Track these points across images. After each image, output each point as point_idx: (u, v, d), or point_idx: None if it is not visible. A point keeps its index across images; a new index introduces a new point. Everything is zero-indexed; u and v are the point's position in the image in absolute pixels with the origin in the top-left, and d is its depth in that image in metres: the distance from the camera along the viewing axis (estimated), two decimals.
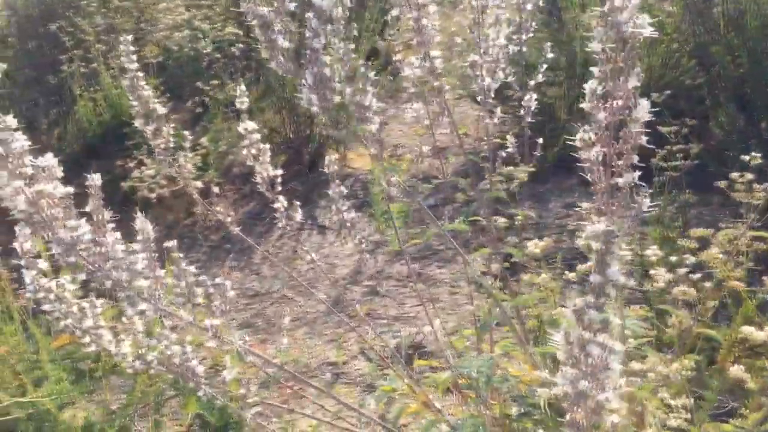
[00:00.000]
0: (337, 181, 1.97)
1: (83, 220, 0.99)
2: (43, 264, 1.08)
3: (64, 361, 2.02)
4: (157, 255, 2.41)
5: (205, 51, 3.79)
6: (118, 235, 1.05)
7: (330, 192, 1.92)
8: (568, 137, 1.08)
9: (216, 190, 1.98)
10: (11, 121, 0.91)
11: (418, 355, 2.62)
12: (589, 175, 0.96)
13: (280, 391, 2.44)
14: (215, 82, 3.71)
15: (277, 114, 4.27)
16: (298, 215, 1.90)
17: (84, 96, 3.44)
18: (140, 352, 1.24)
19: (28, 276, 1.09)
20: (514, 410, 1.54)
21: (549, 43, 1.88)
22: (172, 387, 2.01)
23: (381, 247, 3.45)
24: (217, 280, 1.19)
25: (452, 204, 3.78)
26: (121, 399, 2.41)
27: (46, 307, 1.13)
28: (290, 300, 3.13)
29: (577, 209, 1.10)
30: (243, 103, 1.84)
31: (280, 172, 1.85)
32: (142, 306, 1.11)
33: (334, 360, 2.72)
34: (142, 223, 1.13)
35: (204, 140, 3.54)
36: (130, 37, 1.73)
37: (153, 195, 3.38)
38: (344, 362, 2.72)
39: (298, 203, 2.01)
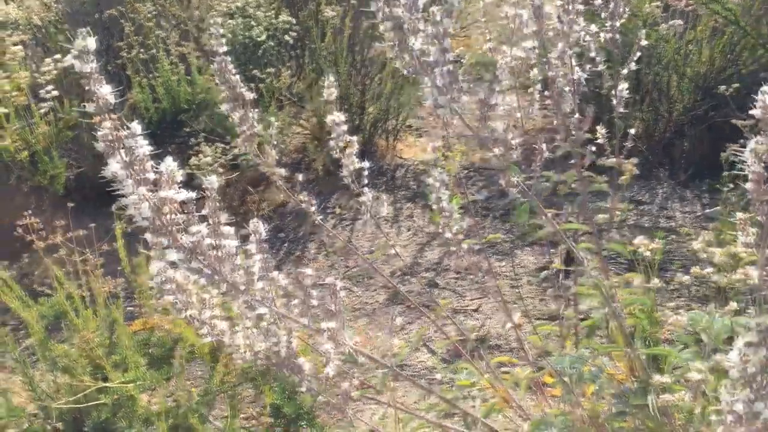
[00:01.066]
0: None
1: (203, 225, 0.98)
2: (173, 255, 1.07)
3: (140, 347, 2.02)
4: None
5: (258, 39, 3.77)
6: (235, 241, 1.03)
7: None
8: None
9: (300, 177, 1.95)
10: (136, 127, 0.90)
11: (485, 349, 2.59)
12: (749, 184, 0.91)
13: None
14: (270, 70, 3.69)
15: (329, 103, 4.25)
16: (384, 209, 1.87)
17: (142, 83, 3.44)
18: (249, 344, 1.22)
19: (155, 266, 1.08)
20: (614, 409, 1.50)
21: (644, 30, 1.82)
22: (244, 376, 2.00)
23: (436, 238, 3.43)
24: (328, 280, 1.17)
25: (505, 197, 3.75)
26: (197, 386, 2.41)
27: (168, 297, 1.12)
28: (348, 290, 3.11)
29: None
30: (331, 94, 1.81)
31: (366, 164, 1.83)
32: (261, 310, 1.09)
33: (397, 352, 2.70)
34: (255, 225, 1.12)
35: (258, 129, 3.52)
36: (219, 20, 1.72)
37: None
38: (407, 354, 2.70)
39: (371, 194, 1.98)
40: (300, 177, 2.09)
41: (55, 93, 3.19)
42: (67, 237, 2.08)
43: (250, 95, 1.79)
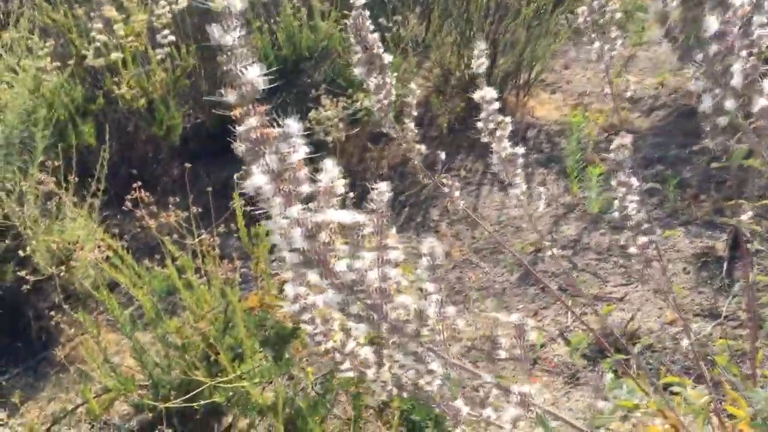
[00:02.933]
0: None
1: (368, 254, 0.72)
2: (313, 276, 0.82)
3: (256, 327, 1.83)
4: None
5: None
6: (398, 270, 0.77)
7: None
8: None
9: (442, 156, 1.69)
10: (294, 126, 0.64)
11: (635, 347, 2.27)
12: None
13: None
14: (396, 17, 3.39)
15: (455, 54, 3.92)
16: (541, 205, 1.58)
17: (262, 28, 3.22)
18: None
19: (291, 291, 0.84)
20: None
21: None
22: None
23: (573, 211, 3.09)
24: (513, 318, 0.90)
25: (651, 167, 3.34)
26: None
27: (307, 327, 0.88)
28: (474, 266, 2.84)
29: None
30: (481, 66, 1.51)
31: (521, 150, 1.53)
32: (433, 366, 0.84)
33: (530, 341, 2.42)
34: (430, 245, 0.85)
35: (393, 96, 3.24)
36: None
37: (330, 138, 3.15)
38: (542, 345, 2.42)
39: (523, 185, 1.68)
40: (442, 155, 1.82)
41: (172, 38, 3.02)
42: (177, 213, 1.90)
43: (387, 58, 1.52)
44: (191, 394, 1.76)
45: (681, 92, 3.98)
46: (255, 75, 0.62)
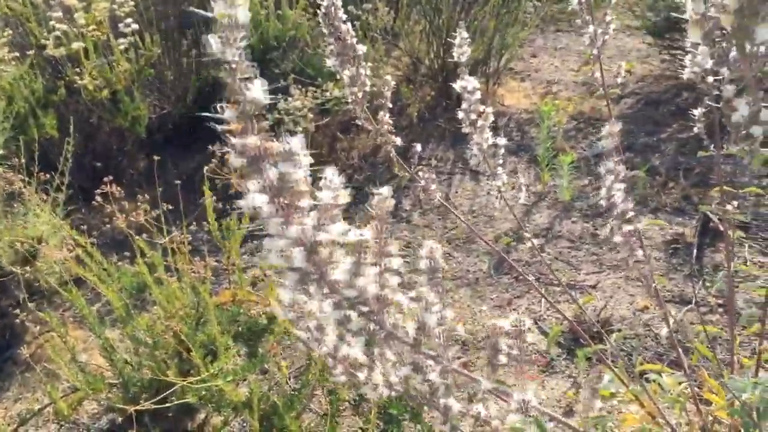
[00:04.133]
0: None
1: (370, 270, 0.69)
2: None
3: (229, 323, 1.80)
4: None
5: None
6: (398, 279, 0.75)
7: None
8: None
9: (418, 147, 1.67)
10: (296, 142, 0.61)
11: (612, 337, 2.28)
12: None
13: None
14: (366, 5, 3.36)
15: (424, 42, 3.89)
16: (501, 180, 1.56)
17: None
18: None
19: (285, 295, 0.81)
20: None
21: None
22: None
23: (544, 199, 3.09)
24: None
25: (626, 153, 3.35)
26: (292, 374, 2.20)
27: (300, 333, 0.85)
28: (447, 256, 2.83)
29: None
30: (462, 54, 1.49)
31: (503, 141, 1.52)
32: (431, 376, 0.82)
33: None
34: (430, 249, 0.82)
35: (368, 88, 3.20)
36: None
37: (299, 128, 3.11)
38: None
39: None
40: (418, 147, 1.80)
41: (135, 26, 2.94)
42: (146, 209, 1.84)
43: (362, 49, 1.49)
44: (163, 394, 1.72)
45: (648, 80, 4.01)
46: (258, 92, 0.59)
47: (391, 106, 3.81)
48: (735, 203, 1.30)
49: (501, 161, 1.50)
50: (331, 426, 1.65)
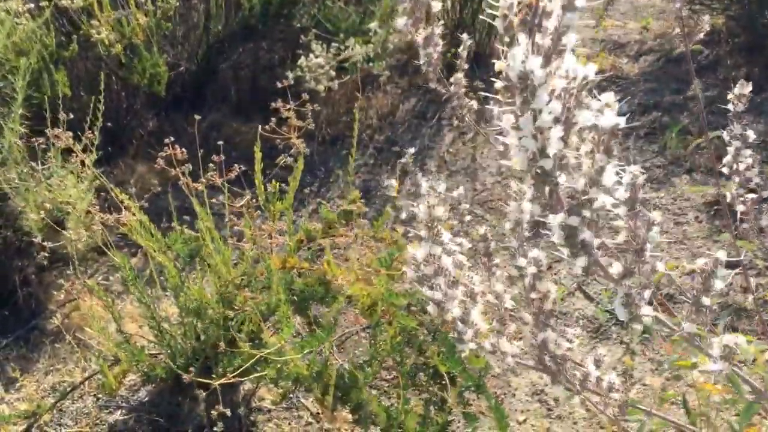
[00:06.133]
0: None
1: None
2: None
3: (286, 292, 1.71)
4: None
5: None
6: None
7: None
8: None
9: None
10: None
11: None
12: None
13: None
14: None
15: None
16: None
17: None
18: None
19: (420, 251, 0.73)
20: None
21: None
22: (408, 338, 1.68)
23: None
24: None
25: (648, 113, 3.28)
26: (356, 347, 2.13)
27: (433, 294, 0.79)
28: (480, 219, 2.75)
29: None
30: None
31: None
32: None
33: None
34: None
35: (373, 24, 3.08)
36: None
37: (321, 87, 2.99)
38: (561, 299, 2.36)
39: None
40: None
41: None
42: (209, 178, 1.74)
43: (436, 5, 1.39)
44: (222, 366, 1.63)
45: (667, 37, 3.92)
46: None
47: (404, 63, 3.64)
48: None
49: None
50: (401, 398, 1.58)
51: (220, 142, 1.99)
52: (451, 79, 1.44)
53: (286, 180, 1.96)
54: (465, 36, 1.42)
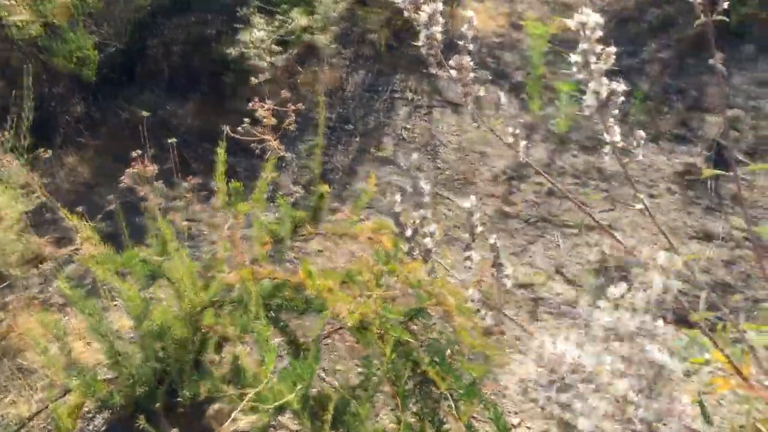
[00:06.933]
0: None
1: None
2: None
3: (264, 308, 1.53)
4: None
5: None
6: None
7: None
8: None
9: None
10: None
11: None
12: None
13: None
14: None
15: None
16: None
17: None
18: None
19: None
20: None
21: None
22: (403, 352, 1.54)
23: (535, 131, 2.90)
24: None
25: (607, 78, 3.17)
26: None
27: None
28: (443, 199, 2.61)
29: None
30: None
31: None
32: None
33: (526, 281, 2.25)
34: None
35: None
36: None
37: (264, 64, 2.76)
38: (541, 283, 2.25)
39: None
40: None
41: None
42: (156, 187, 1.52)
43: None
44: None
45: None
46: None
47: (346, 32, 3.47)
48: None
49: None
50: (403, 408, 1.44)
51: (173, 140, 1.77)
52: (451, 62, 1.27)
53: (237, 169, 1.77)
54: (471, 13, 1.25)
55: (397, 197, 1.19)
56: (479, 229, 1.22)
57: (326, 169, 2.75)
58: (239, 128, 1.63)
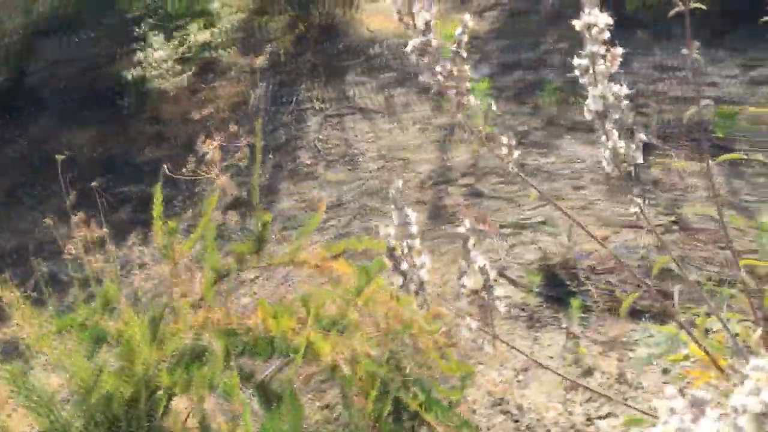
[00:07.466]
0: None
1: None
2: None
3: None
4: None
5: None
6: None
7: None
8: None
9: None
10: None
11: (569, 276, 2.16)
12: None
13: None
14: None
15: None
16: None
17: None
18: None
19: None
20: None
21: None
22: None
23: (452, 133, 2.87)
24: None
25: (510, 73, 3.19)
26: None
27: None
28: (372, 210, 2.53)
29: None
30: None
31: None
32: None
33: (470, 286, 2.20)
34: None
35: (214, 5, 2.71)
36: None
37: (168, 85, 2.59)
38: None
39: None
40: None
41: None
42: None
43: None
44: None
45: None
46: None
47: (244, 42, 3.33)
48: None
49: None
50: None
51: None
52: (438, 68, 1.18)
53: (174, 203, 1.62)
54: (466, 17, 1.17)
55: (390, 230, 1.10)
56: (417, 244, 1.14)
57: (246, 190, 2.61)
58: (183, 169, 1.49)
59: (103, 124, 2.77)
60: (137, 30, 2.57)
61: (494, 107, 1.29)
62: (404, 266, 1.13)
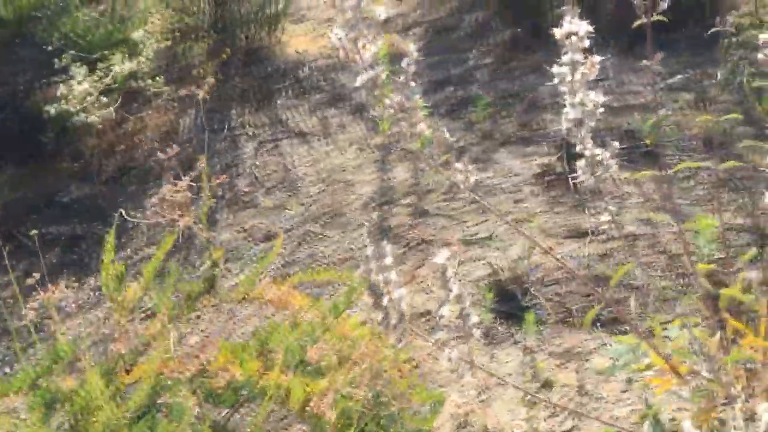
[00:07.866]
0: None
1: None
2: None
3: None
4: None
5: None
6: None
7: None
8: None
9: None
10: None
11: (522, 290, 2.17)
12: None
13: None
14: None
15: None
16: None
17: None
18: None
19: None
20: None
21: None
22: None
23: (389, 152, 2.86)
24: None
25: (441, 90, 3.21)
26: None
27: None
28: (318, 236, 2.49)
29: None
30: None
31: None
32: None
33: (424, 309, 2.20)
34: None
35: (137, 34, 2.63)
36: None
37: (94, 119, 2.48)
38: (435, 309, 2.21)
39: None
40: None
41: None
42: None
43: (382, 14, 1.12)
44: None
45: (425, 7, 3.90)
46: None
47: (166, 67, 3.25)
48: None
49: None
50: None
51: None
52: (387, 101, 1.16)
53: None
54: (412, 47, 1.15)
55: (371, 264, 1.06)
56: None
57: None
58: (147, 211, 1.42)
59: (25, 162, 2.63)
60: (58, 62, 2.44)
61: (447, 135, 1.28)
62: (385, 301, 1.09)
